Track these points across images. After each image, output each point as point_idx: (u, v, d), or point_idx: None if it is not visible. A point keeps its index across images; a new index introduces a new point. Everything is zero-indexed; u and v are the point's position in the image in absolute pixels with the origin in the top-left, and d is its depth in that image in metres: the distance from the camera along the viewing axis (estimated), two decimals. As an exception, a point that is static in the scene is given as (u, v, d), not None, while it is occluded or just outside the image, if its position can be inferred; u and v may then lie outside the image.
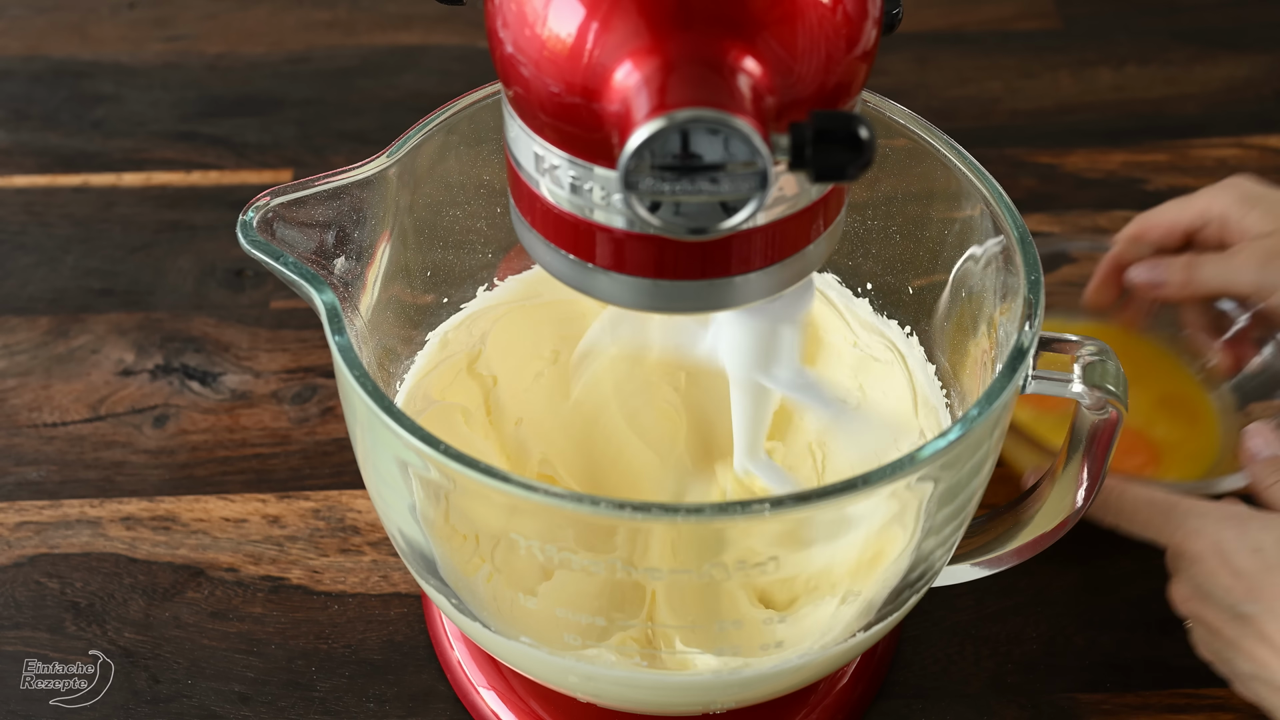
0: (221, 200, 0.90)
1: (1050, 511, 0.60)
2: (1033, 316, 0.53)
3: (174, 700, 0.66)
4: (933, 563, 0.56)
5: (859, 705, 0.66)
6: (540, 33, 0.42)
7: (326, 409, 0.78)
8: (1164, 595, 0.70)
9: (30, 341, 0.81)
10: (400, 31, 1.03)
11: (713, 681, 0.54)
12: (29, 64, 1.00)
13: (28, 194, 0.90)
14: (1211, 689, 0.67)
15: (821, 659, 0.55)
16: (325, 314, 0.53)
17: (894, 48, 1.02)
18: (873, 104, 0.61)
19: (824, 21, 0.42)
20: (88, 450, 0.76)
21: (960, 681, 0.67)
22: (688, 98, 0.39)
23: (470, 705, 0.66)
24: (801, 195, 0.45)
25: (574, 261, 0.47)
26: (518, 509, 0.51)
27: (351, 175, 0.57)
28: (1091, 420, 0.56)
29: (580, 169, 0.44)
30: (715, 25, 0.41)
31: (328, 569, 0.71)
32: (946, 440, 0.49)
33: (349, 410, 0.56)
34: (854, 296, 0.67)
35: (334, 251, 0.56)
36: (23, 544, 0.72)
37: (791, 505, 0.47)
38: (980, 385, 0.59)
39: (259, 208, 0.55)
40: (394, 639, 0.68)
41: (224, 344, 0.81)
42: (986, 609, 0.70)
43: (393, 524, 0.57)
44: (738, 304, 0.47)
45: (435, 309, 0.66)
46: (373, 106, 0.97)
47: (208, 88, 0.98)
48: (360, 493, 0.74)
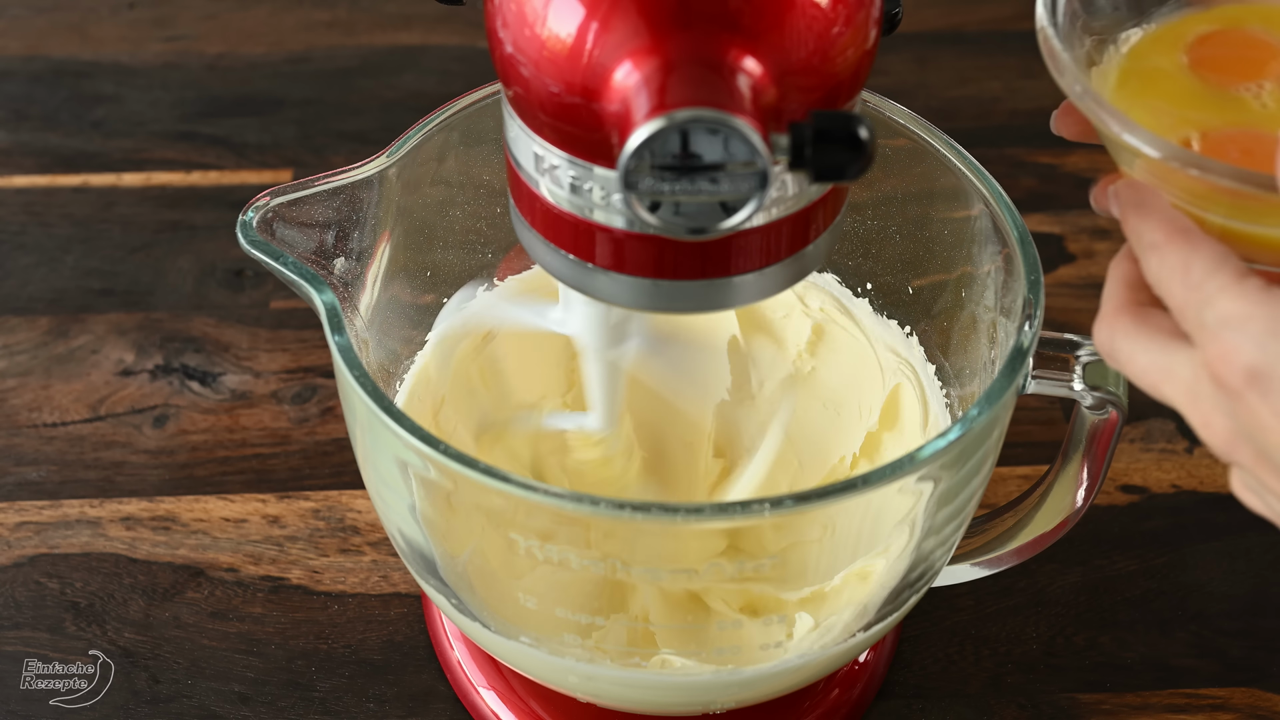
0: (221, 200, 0.90)
1: (1050, 511, 0.60)
2: (1033, 316, 0.53)
3: (174, 700, 0.66)
4: (933, 563, 0.56)
5: (859, 705, 0.66)
6: (540, 33, 0.42)
7: (326, 409, 0.78)
8: (1164, 595, 0.70)
9: (30, 341, 0.81)
10: (400, 31, 1.03)
11: (712, 681, 0.54)
12: (29, 64, 1.00)
13: (28, 194, 0.90)
14: (1211, 689, 0.67)
15: (821, 659, 0.55)
16: (325, 314, 0.53)
17: (894, 48, 1.02)
18: (873, 104, 0.61)
19: (824, 21, 0.42)
20: (88, 450, 0.76)
21: (960, 681, 0.67)
22: (687, 98, 0.39)
23: (470, 705, 0.66)
24: (802, 195, 0.45)
25: (574, 261, 0.47)
26: (517, 509, 0.51)
27: (351, 175, 0.57)
28: (1091, 420, 0.56)
29: (580, 169, 0.44)
30: (715, 25, 0.41)
31: (328, 569, 0.71)
32: (946, 440, 0.49)
33: (349, 410, 0.56)
34: (854, 296, 0.67)
35: (334, 251, 0.56)
36: (23, 544, 0.72)
37: (791, 505, 0.47)
38: (980, 385, 0.59)
39: (259, 208, 0.55)
40: (394, 639, 0.68)
41: (224, 344, 0.81)
42: (986, 609, 0.70)
43: (393, 524, 0.57)
44: (738, 304, 0.47)
45: (435, 309, 0.66)
46: (373, 106, 0.97)
47: (208, 88, 0.98)
48: (360, 493, 0.74)
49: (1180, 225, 0.44)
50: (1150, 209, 0.45)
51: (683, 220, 0.41)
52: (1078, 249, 0.86)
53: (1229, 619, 0.70)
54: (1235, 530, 0.73)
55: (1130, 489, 0.75)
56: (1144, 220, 0.45)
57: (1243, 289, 0.41)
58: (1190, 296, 0.42)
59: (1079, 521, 0.60)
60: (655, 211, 0.41)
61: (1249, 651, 0.68)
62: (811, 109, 0.41)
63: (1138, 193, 0.46)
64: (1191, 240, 0.43)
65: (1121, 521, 0.73)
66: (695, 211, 0.40)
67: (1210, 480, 0.75)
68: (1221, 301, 0.41)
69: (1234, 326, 0.41)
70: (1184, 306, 0.43)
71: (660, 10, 0.41)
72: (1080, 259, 0.86)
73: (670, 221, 0.41)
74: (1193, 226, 0.44)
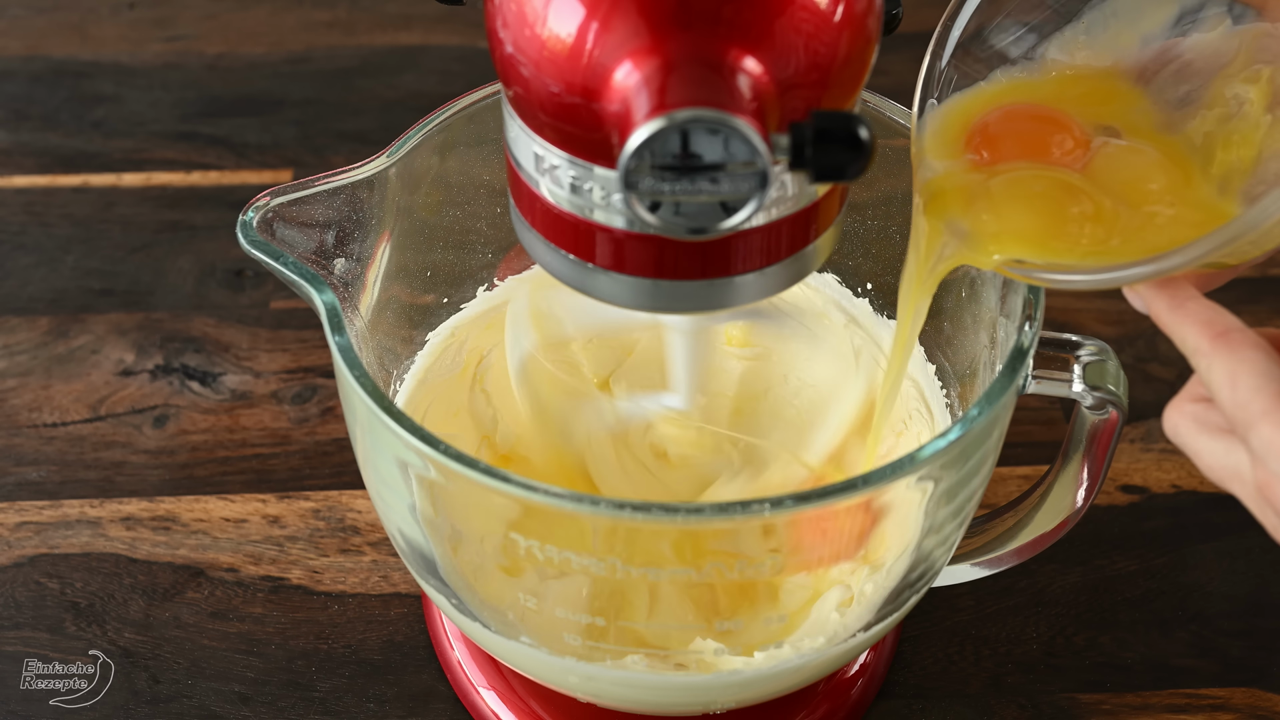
0: (221, 200, 0.90)
1: (1050, 511, 0.60)
2: (1033, 317, 0.53)
3: (174, 700, 0.66)
4: (933, 563, 0.56)
5: (859, 705, 0.66)
6: (540, 33, 0.42)
7: (326, 409, 0.78)
8: (1164, 595, 0.70)
9: (30, 341, 0.81)
10: (400, 31, 1.03)
11: (713, 682, 0.54)
12: (29, 64, 1.00)
13: (28, 194, 0.90)
14: (1211, 689, 0.67)
15: (821, 659, 0.55)
16: (325, 314, 0.53)
17: (894, 48, 1.02)
18: (873, 104, 0.61)
19: (824, 21, 0.42)
20: (88, 450, 0.76)
21: (960, 681, 0.67)
22: (688, 98, 0.39)
23: (470, 705, 0.66)
24: (802, 195, 0.45)
25: (574, 261, 0.47)
26: (517, 509, 0.51)
27: (351, 175, 0.57)
28: (1091, 420, 0.56)
29: (580, 169, 0.44)
30: (715, 25, 0.41)
31: (328, 569, 0.71)
32: (946, 440, 0.49)
33: (349, 410, 0.56)
34: (854, 296, 0.67)
35: (334, 251, 0.56)
36: (23, 544, 0.72)
37: (792, 505, 0.47)
38: (980, 385, 0.59)
39: (259, 208, 0.55)
40: (394, 639, 0.68)
41: (224, 344, 0.81)
42: (986, 609, 0.70)
43: (393, 524, 0.57)
44: (738, 304, 0.47)
45: (435, 309, 0.66)
46: (373, 106, 0.97)
47: (208, 88, 0.98)
48: (360, 493, 0.74)
49: (1220, 328, 0.43)
50: (1186, 312, 0.44)
51: (683, 220, 0.41)
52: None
53: (1229, 619, 0.70)
54: (1235, 530, 0.73)
55: (1130, 489, 0.75)
56: (1181, 324, 0.45)
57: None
58: (1237, 415, 0.42)
59: (1079, 521, 0.60)
60: (655, 211, 0.41)
61: (1249, 651, 0.68)
62: (812, 109, 0.41)
63: (1167, 293, 0.45)
64: (1233, 347, 0.43)
65: (1121, 521, 0.73)
66: (695, 211, 0.41)
67: (1210, 480, 0.75)
68: (1264, 429, 0.41)
69: (1277, 457, 0.41)
70: (1233, 421, 0.43)
71: (660, 10, 0.41)
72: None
73: (670, 221, 0.41)
74: (1233, 326, 0.43)
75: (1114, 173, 0.50)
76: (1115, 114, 0.52)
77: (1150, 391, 0.79)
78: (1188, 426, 0.46)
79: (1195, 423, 0.45)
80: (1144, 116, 0.52)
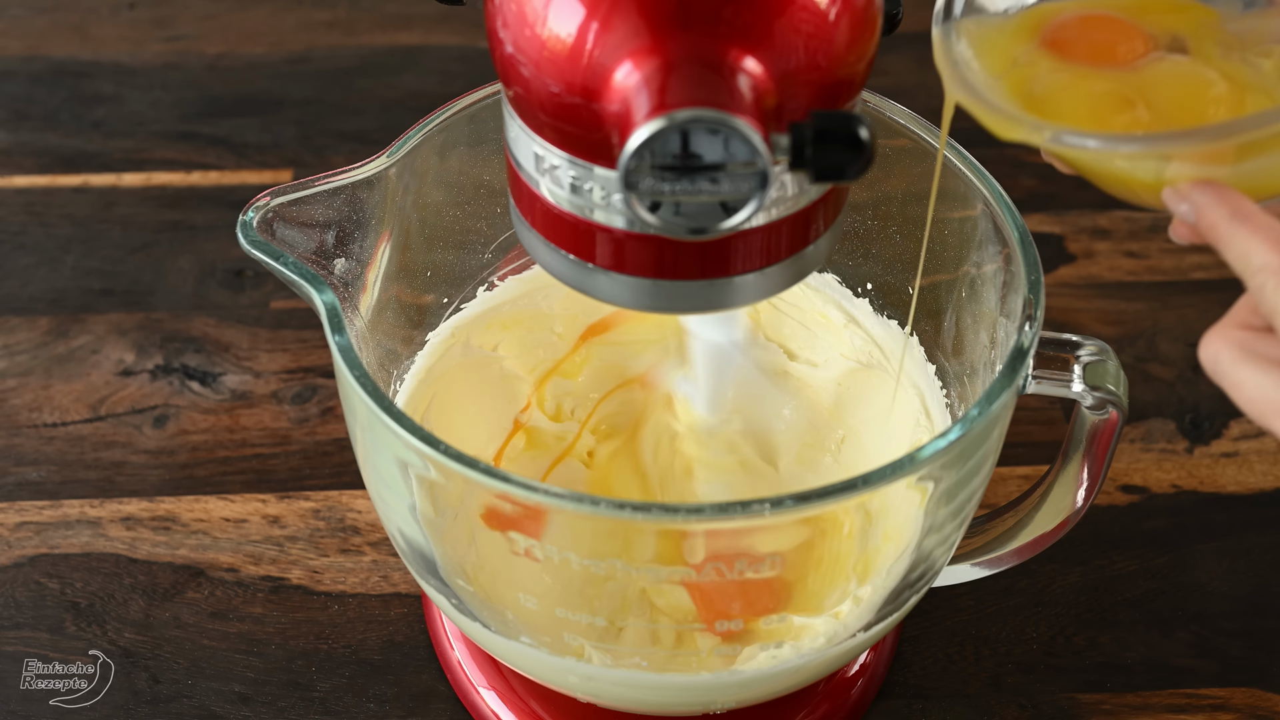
0: (221, 200, 0.90)
1: (1050, 511, 0.60)
2: (1033, 317, 0.53)
3: (174, 700, 0.66)
4: (933, 563, 0.56)
5: (859, 705, 0.66)
6: (540, 33, 0.42)
7: (326, 409, 0.78)
8: (1164, 595, 0.70)
9: (30, 341, 0.81)
10: (400, 31, 1.03)
11: (713, 682, 0.54)
12: (29, 64, 1.00)
13: (28, 194, 0.90)
14: (1211, 689, 0.67)
15: (821, 659, 0.55)
16: (325, 314, 0.53)
17: (894, 48, 1.02)
18: (873, 104, 0.61)
19: (824, 21, 0.42)
20: (88, 450, 0.76)
21: (960, 681, 0.67)
22: (688, 98, 0.39)
23: (470, 705, 0.66)
24: (802, 195, 0.45)
25: (574, 262, 0.47)
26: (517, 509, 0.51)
27: (351, 175, 0.57)
28: (1091, 420, 0.56)
29: (580, 169, 0.44)
30: (715, 25, 0.41)
31: (328, 569, 0.71)
32: (946, 440, 0.49)
33: (349, 410, 0.56)
34: (854, 296, 0.67)
35: (334, 251, 0.56)
36: (23, 544, 0.72)
37: (792, 505, 0.47)
38: (980, 385, 0.59)
39: (259, 208, 0.55)
40: (394, 639, 0.68)
41: (224, 344, 0.81)
42: (986, 609, 0.70)
43: (393, 524, 0.57)
44: (738, 304, 0.47)
45: (435, 309, 0.66)
46: (373, 106, 0.97)
47: (208, 88, 0.98)
48: (360, 493, 0.74)
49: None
50: (1254, 225, 0.40)
51: (683, 220, 0.41)
52: (1078, 249, 0.86)
53: (1229, 619, 0.70)
54: (1235, 530, 0.73)
55: (1130, 489, 0.75)
56: (1246, 237, 0.40)
57: None
58: None
59: (1079, 521, 0.60)
60: (655, 211, 0.41)
61: (1249, 651, 0.68)
62: (812, 109, 0.41)
63: (1229, 202, 0.41)
64: None
65: (1121, 521, 0.73)
66: (695, 211, 0.41)
67: (1210, 480, 0.75)
68: None
69: None
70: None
71: (660, 10, 0.41)
72: (1080, 259, 0.86)
73: (670, 221, 0.41)
74: None
75: (1173, 86, 0.48)
76: (1186, 24, 0.50)
77: (1150, 391, 0.79)
78: (1231, 355, 0.41)
79: (1241, 351, 0.41)
80: (1212, 32, 0.50)
